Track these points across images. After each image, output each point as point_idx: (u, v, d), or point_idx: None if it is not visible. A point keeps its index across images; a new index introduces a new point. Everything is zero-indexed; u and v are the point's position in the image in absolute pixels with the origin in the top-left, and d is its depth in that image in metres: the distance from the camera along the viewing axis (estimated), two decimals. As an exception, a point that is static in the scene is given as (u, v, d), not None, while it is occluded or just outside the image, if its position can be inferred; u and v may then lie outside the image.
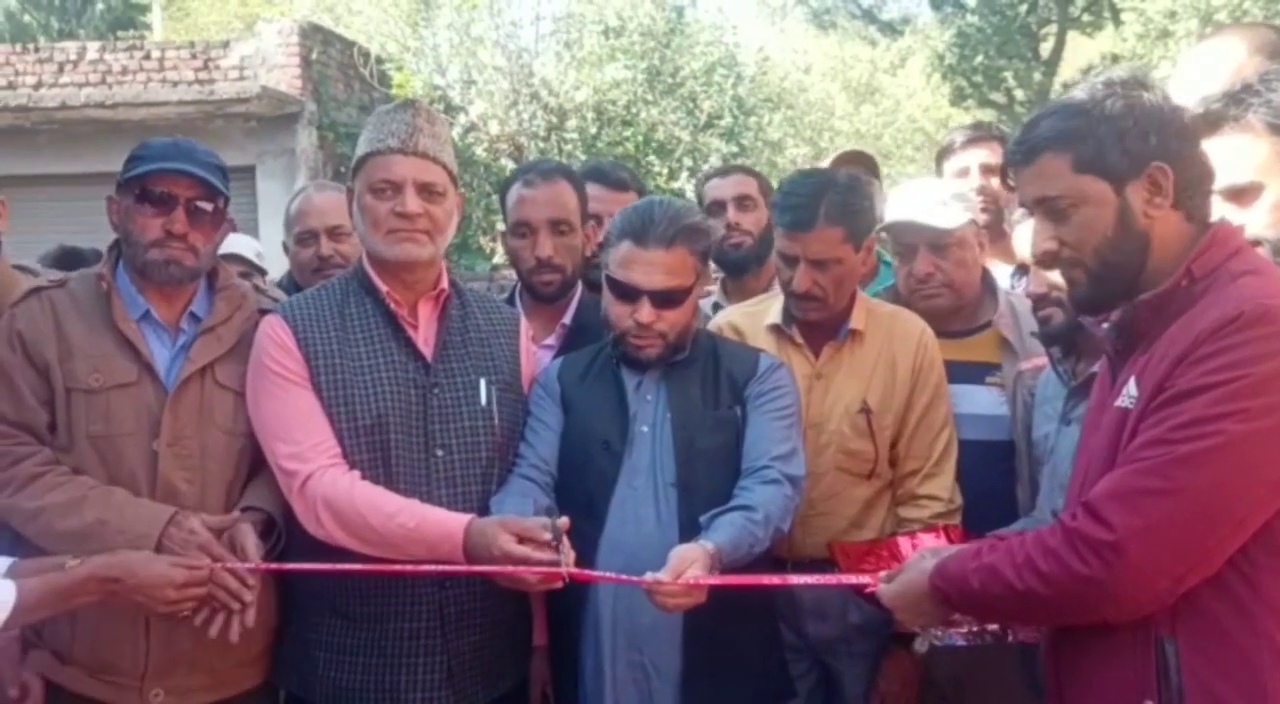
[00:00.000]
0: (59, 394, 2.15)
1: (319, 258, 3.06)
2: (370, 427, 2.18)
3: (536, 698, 2.38)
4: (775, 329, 2.57)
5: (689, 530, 2.12)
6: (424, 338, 2.28)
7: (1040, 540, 1.60)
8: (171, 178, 2.19)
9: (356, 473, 2.16)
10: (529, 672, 2.42)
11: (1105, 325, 1.76)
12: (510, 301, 2.75)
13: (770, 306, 2.64)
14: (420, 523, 2.08)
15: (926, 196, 2.67)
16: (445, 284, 2.33)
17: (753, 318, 2.62)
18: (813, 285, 2.44)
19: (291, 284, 3.11)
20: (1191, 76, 2.34)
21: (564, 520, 1.99)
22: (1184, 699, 1.52)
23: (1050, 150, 1.66)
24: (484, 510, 2.21)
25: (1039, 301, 2.35)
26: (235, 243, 3.40)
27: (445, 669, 2.21)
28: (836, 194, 2.42)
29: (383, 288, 2.26)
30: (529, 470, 2.28)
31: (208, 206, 2.24)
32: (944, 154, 3.37)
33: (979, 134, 3.36)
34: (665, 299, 2.25)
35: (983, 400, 2.55)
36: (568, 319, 2.70)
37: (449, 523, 2.08)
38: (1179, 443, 1.49)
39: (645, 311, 2.24)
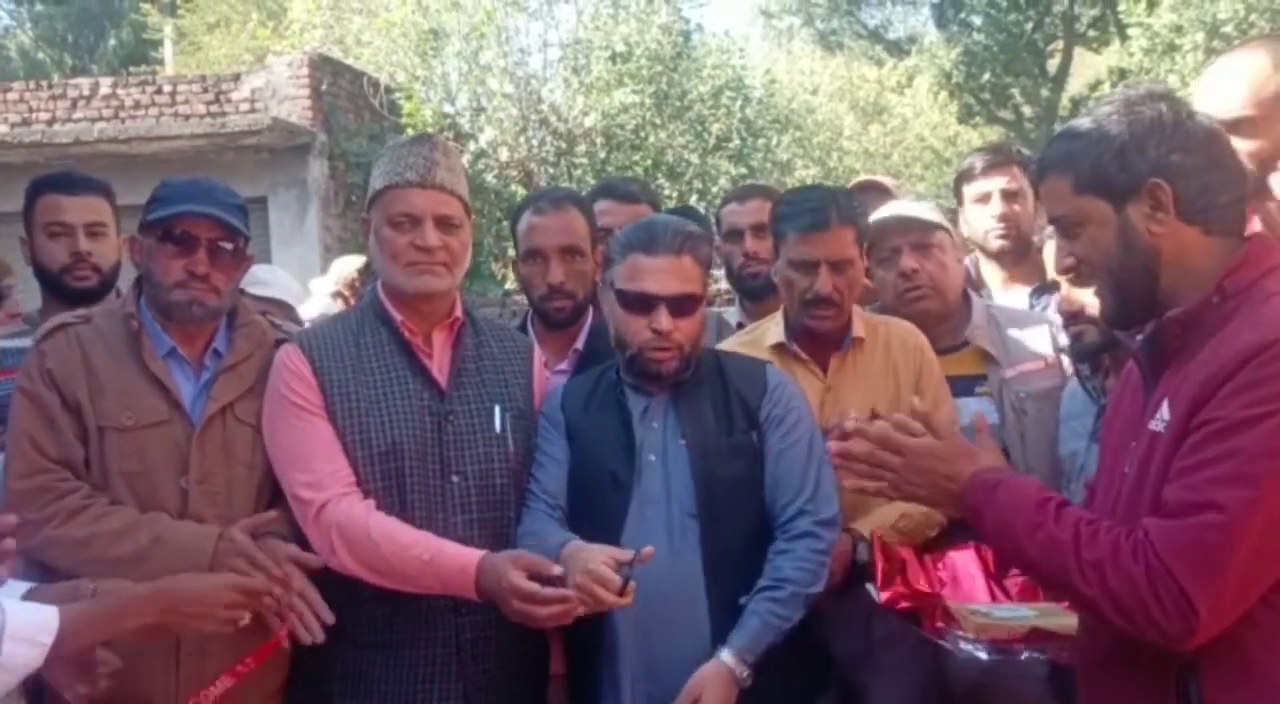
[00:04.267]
0: (91, 432, 2.17)
1: (371, 276, 3.14)
2: (386, 454, 2.20)
3: None
4: (778, 348, 2.59)
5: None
6: (438, 366, 2.30)
7: (1118, 555, 1.51)
8: (193, 219, 2.21)
9: (371, 502, 2.17)
10: (545, 700, 2.40)
11: (1139, 338, 1.73)
12: (522, 328, 2.77)
13: (768, 330, 2.66)
14: (435, 556, 2.09)
15: (907, 204, 2.77)
16: (459, 313, 2.35)
17: (751, 345, 2.62)
18: (834, 289, 2.47)
19: None
20: (1212, 92, 2.31)
21: (648, 549, 1.99)
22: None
23: (1055, 171, 1.68)
24: (501, 536, 2.22)
25: (1070, 319, 2.36)
26: (287, 289, 3.45)
27: (461, 696, 2.21)
28: (843, 198, 2.56)
29: (397, 317, 2.28)
30: (542, 506, 2.28)
31: (229, 246, 2.26)
32: (963, 178, 3.32)
33: (998, 159, 3.29)
34: (680, 306, 2.24)
35: (975, 410, 2.53)
36: (580, 344, 2.70)
37: (463, 557, 2.09)
38: (1232, 484, 1.45)
39: (664, 318, 2.22)
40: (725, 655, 2.08)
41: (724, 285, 4.84)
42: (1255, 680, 1.48)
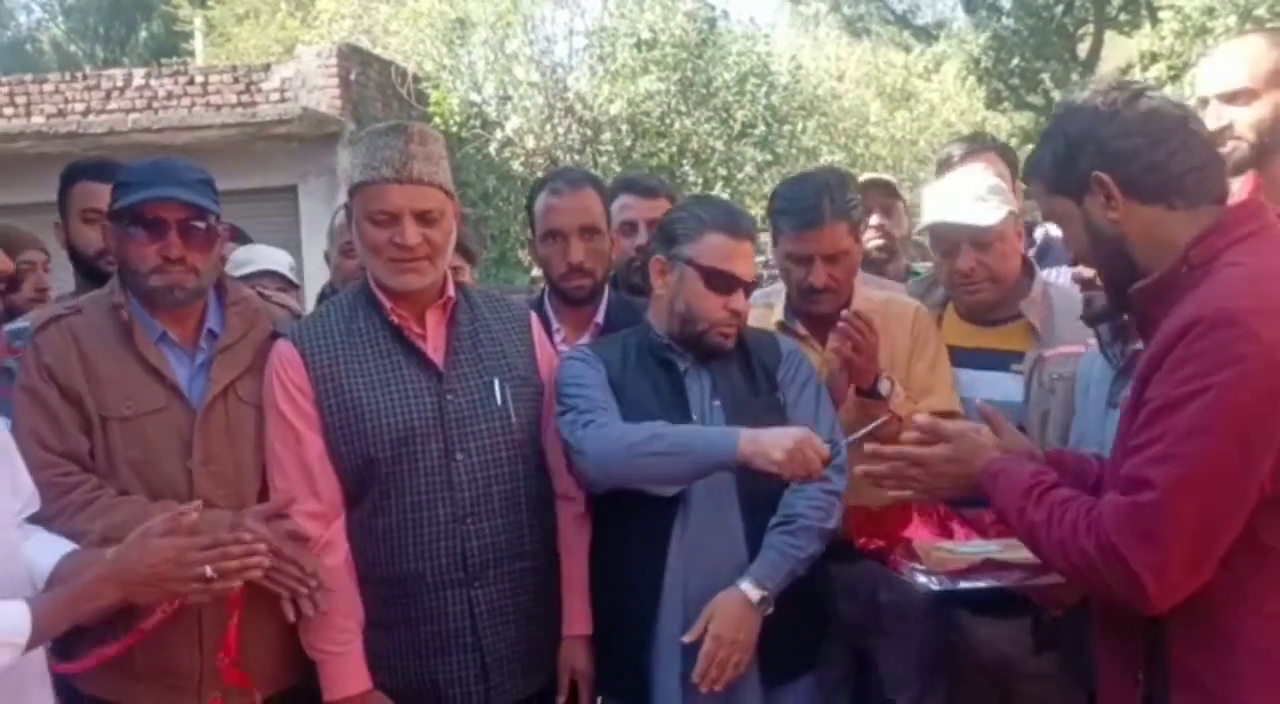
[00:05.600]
0: (94, 422, 2.17)
1: (362, 268, 3.14)
2: (392, 440, 2.22)
3: (565, 686, 2.37)
4: (780, 326, 2.69)
5: (750, 511, 2.31)
6: (434, 347, 2.31)
7: (1075, 533, 1.61)
8: (159, 204, 2.19)
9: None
10: (558, 663, 2.42)
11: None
12: (539, 306, 2.80)
13: (775, 306, 2.76)
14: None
15: (965, 193, 2.70)
16: (450, 292, 2.36)
17: (761, 319, 2.71)
18: (829, 279, 2.56)
19: (334, 292, 3.20)
20: (1212, 69, 2.39)
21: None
22: (1168, 678, 1.59)
23: (1031, 177, 1.81)
24: (508, 508, 2.27)
25: (1083, 285, 2.39)
26: (270, 258, 3.47)
27: (480, 665, 2.25)
28: (835, 192, 2.57)
29: (387, 304, 2.29)
30: (611, 414, 2.31)
31: (200, 225, 2.22)
32: (943, 167, 3.40)
33: (975, 146, 3.40)
34: (749, 290, 2.41)
35: (1009, 387, 2.57)
36: (599, 318, 2.77)
37: (355, 676, 2.22)
38: (1164, 463, 1.53)
39: (742, 301, 2.37)
40: (741, 583, 2.23)
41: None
42: (1218, 639, 1.55)
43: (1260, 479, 1.49)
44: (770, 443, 2.09)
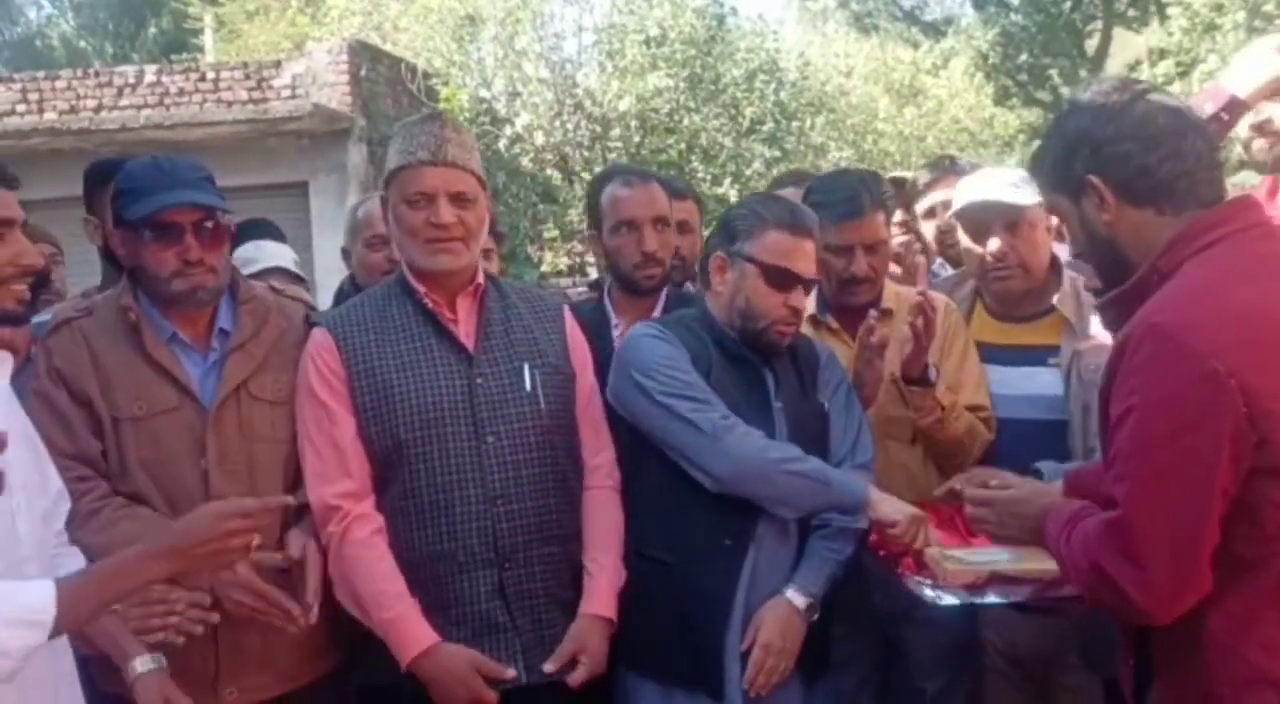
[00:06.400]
0: (106, 423, 2.19)
1: (390, 261, 3.11)
2: (421, 421, 2.27)
3: (563, 656, 2.28)
4: (811, 320, 2.73)
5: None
6: (465, 331, 2.37)
7: (1073, 555, 1.69)
8: (173, 210, 2.19)
9: (375, 535, 2.27)
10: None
11: None
12: (599, 301, 2.86)
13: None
14: (397, 619, 2.22)
15: (998, 179, 2.74)
16: (481, 279, 2.41)
17: None
18: (869, 269, 2.65)
19: (353, 287, 3.23)
20: (1250, 63, 2.42)
21: None
22: (1151, 666, 1.69)
23: (1036, 172, 1.89)
24: (537, 492, 2.31)
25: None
26: (275, 254, 3.49)
27: (518, 646, 2.28)
28: (872, 184, 2.71)
29: (420, 288, 2.35)
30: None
31: (211, 225, 2.24)
32: (913, 195, 3.63)
33: (937, 175, 3.58)
34: (809, 288, 2.45)
35: (1046, 381, 2.61)
36: (658, 311, 2.81)
37: (419, 635, 2.21)
38: (1120, 481, 1.59)
39: (802, 298, 2.40)
40: (787, 591, 2.31)
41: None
42: (1189, 634, 1.60)
43: (1223, 485, 1.52)
44: (896, 505, 2.22)
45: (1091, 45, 22.49)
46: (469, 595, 2.27)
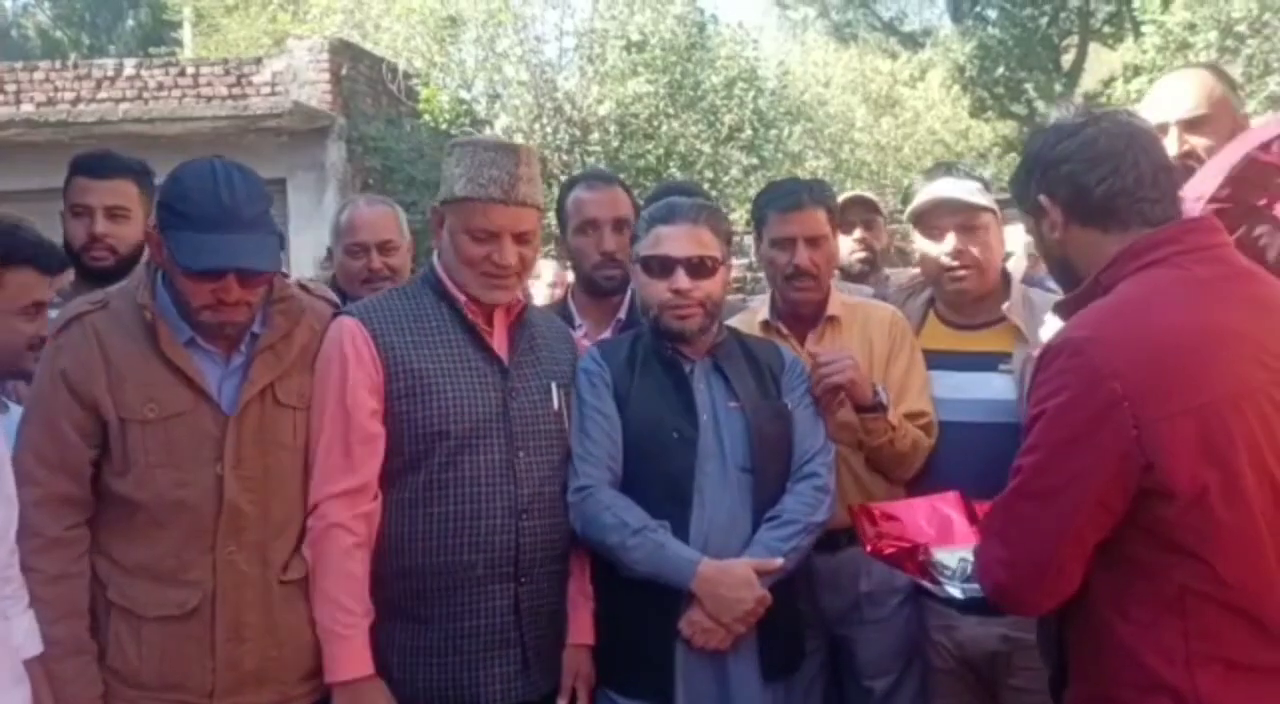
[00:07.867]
0: (113, 425, 2.10)
1: (369, 270, 3.16)
2: (462, 427, 2.25)
3: (568, 689, 2.40)
4: (764, 325, 2.82)
5: (760, 511, 2.41)
6: (498, 344, 2.36)
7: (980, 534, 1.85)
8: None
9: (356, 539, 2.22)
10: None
11: None
12: (563, 303, 2.94)
13: (757, 311, 2.90)
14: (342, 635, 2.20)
15: (954, 183, 2.79)
16: (521, 297, 2.43)
17: (745, 323, 2.84)
18: (810, 262, 2.71)
19: (335, 290, 3.26)
20: (1167, 95, 2.54)
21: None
22: (1066, 666, 1.79)
23: (1010, 188, 1.96)
24: (558, 509, 2.35)
25: None
26: None
27: (521, 661, 2.29)
28: (815, 185, 2.87)
29: (461, 298, 2.32)
30: (604, 472, 2.38)
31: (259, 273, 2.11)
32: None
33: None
34: (698, 268, 2.42)
35: (997, 386, 2.66)
36: (622, 314, 2.88)
37: (360, 661, 2.18)
38: (1016, 473, 1.71)
39: (682, 278, 2.41)
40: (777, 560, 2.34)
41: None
42: (1096, 638, 1.70)
43: (1099, 496, 1.60)
44: (730, 589, 2.27)
45: (1067, 60, 22.77)
46: (485, 608, 2.26)
